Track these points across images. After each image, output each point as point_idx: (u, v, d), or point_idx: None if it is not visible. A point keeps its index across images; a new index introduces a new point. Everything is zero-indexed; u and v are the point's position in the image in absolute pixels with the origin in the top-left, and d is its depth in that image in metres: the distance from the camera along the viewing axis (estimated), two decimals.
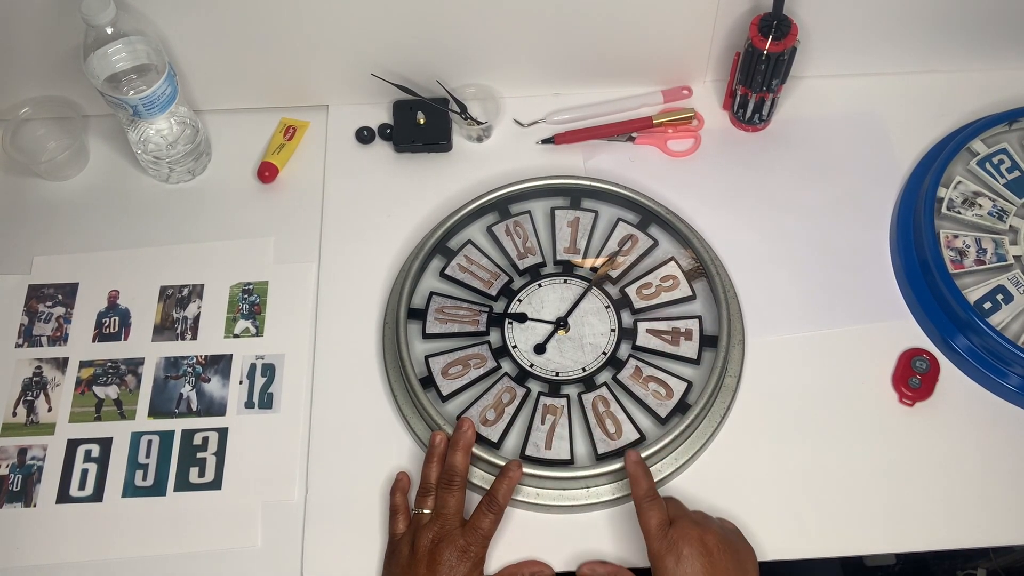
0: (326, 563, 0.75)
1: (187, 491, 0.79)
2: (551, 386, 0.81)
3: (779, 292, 0.86)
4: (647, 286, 0.85)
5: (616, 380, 0.81)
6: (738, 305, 0.85)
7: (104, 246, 0.91)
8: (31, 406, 0.83)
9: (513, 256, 0.87)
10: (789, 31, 0.85)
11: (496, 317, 0.84)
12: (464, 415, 0.79)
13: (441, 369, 0.81)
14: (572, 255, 0.87)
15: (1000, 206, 0.86)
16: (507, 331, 0.83)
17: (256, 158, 0.96)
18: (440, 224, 0.87)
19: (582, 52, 0.94)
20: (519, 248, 0.87)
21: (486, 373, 0.81)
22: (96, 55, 0.82)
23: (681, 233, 0.86)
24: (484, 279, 0.86)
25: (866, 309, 0.85)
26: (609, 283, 0.85)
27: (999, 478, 0.77)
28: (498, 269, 0.86)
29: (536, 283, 0.86)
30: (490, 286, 0.86)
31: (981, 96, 0.96)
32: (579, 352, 0.82)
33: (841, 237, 0.89)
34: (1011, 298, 0.81)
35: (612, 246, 0.87)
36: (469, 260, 0.87)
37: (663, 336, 0.82)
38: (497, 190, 0.88)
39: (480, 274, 0.86)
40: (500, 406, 0.80)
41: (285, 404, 0.83)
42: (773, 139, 0.96)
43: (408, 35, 0.91)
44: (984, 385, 0.81)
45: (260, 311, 0.87)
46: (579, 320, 0.84)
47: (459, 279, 0.86)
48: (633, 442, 0.78)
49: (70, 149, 0.94)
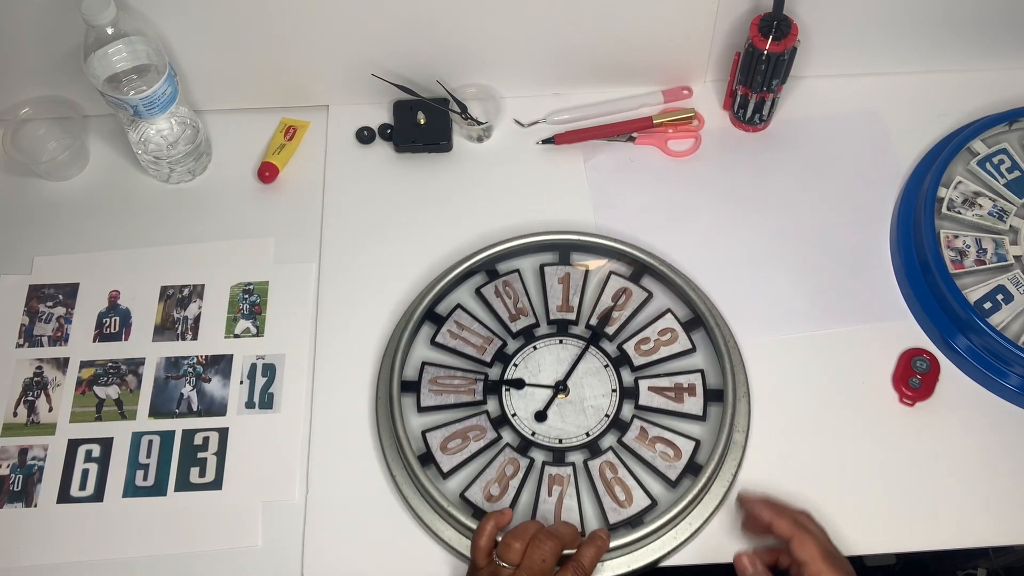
0: (326, 563, 0.76)
1: (188, 491, 0.79)
2: (555, 454, 0.78)
3: (779, 292, 0.86)
4: (645, 341, 0.82)
5: (622, 443, 0.78)
6: (740, 355, 0.82)
7: (105, 246, 0.91)
8: (32, 406, 0.83)
9: (505, 318, 0.84)
10: (789, 31, 0.85)
11: (492, 384, 0.81)
12: (467, 491, 0.76)
13: (440, 444, 0.78)
14: (566, 313, 0.84)
15: (1000, 206, 0.86)
16: (505, 399, 0.80)
17: (256, 158, 0.96)
18: (427, 289, 0.83)
19: (582, 52, 0.94)
20: (511, 310, 0.84)
21: (487, 445, 0.78)
22: (96, 55, 0.82)
23: (675, 284, 0.83)
24: (477, 344, 0.83)
25: (866, 309, 0.85)
26: (606, 340, 0.83)
27: (999, 478, 0.77)
28: (491, 333, 0.83)
29: (531, 345, 0.83)
30: (484, 352, 0.82)
31: (981, 96, 0.96)
32: (581, 416, 0.79)
33: (841, 237, 0.89)
34: (1011, 298, 0.81)
35: (606, 301, 0.84)
36: (460, 326, 0.84)
37: (666, 393, 0.80)
38: (483, 251, 0.85)
39: (472, 340, 0.83)
40: (504, 479, 0.77)
41: (286, 404, 0.83)
42: (773, 139, 0.96)
43: (408, 35, 0.91)
44: (984, 385, 0.81)
45: (261, 311, 0.87)
46: (578, 382, 0.81)
47: (451, 347, 0.83)
48: (645, 509, 0.75)
49: (70, 149, 0.94)
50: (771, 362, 0.83)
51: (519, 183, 0.94)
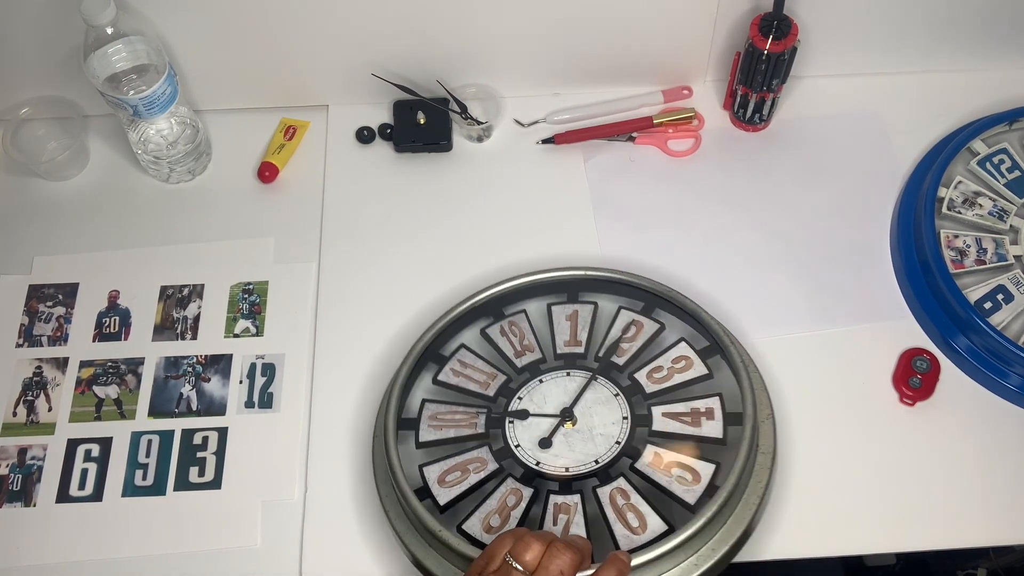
0: (326, 562, 0.75)
1: (187, 490, 0.79)
2: (561, 484, 0.74)
3: (779, 292, 0.86)
4: (657, 370, 0.78)
5: (634, 469, 0.73)
6: (760, 377, 0.78)
7: (104, 246, 0.91)
8: (31, 406, 0.83)
9: (510, 355, 0.81)
10: (789, 31, 0.85)
11: (496, 418, 0.77)
12: (465, 523, 0.71)
13: (437, 478, 0.74)
14: (574, 347, 0.80)
15: (1000, 206, 0.86)
16: (508, 431, 0.76)
17: (256, 158, 0.96)
18: (428, 329, 0.80)
19: (582, 52, 0.94)
20: (516, 347, 0.81)
21: (488, 477, 0.74)
22: (96, 55, 0.83)
23: (689, 311, 0.79)
24: (480, 381, 0.79)
25: (866, 309, 0.85)
26: (616, 371, 0.79)
27: (999, 478, 0.77)
28: (494, 369, 0.80)
29: (537, 379, 0.79)
30: (487, 387, 0.79)
31: (981, 96, 0.96)
32: (590, 444, 0.74)
33: (841, 237, 0.89)
34: (1011, 298, 0.81)
35: (615, 334, 0.81)
36: (463, 364, 0.81)
37: (682, 419, 0.75)
38: (486, 290, 0.82)
39: (476, 376, 0.80)
40: (505, 510, 0.72)
41: (285, 404, 0.83)
42: (773, 139, 0.95)
43: (408, 35, 0.91)
44: (985, 385, 0.81)
45: (260, 311, 0.87)
46: (586, 411, 0.76)
47: (453, 384, 0.80)
48: (661, 535, 0.69)
49: (70, 149, 0.94)
50: (771, 361, 0.83)
51: (519, 183, 0.94)
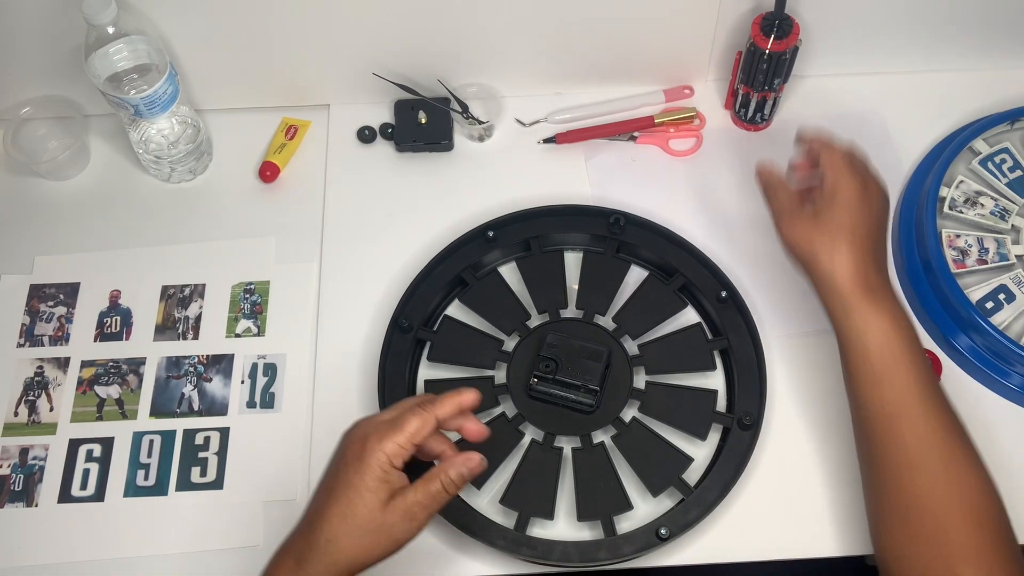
0: None
1: (189, 491, 0.79)
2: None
3: (781, 291, 0.86)
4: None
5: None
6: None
7: (105, 246, 0.91)
8: (33, 406, 0.83)
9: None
10: (791, 30, 0.85)
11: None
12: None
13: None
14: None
15: (1002, 205, 0.86)
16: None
17: (257, 158, 0.96)
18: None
19: (584, 51, 0.94)
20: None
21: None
22: (97, 55, 0.82)
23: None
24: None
25: None
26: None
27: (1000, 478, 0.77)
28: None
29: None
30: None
31: (983, 95, 0.95)
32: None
33: None
34: (1013, 297, 0.81)
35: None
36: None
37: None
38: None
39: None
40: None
41: (287, 404, 0.82)
42: (775, 138, 0.95)
43: (409, 34, 0.91)
44: (986, 384, 0.81)
45: (262, 311, 0.87)
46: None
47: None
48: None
49: (71, 149, 0.94)
50: (773, 361, 0.83)
51: (520, 182, 0.93)
